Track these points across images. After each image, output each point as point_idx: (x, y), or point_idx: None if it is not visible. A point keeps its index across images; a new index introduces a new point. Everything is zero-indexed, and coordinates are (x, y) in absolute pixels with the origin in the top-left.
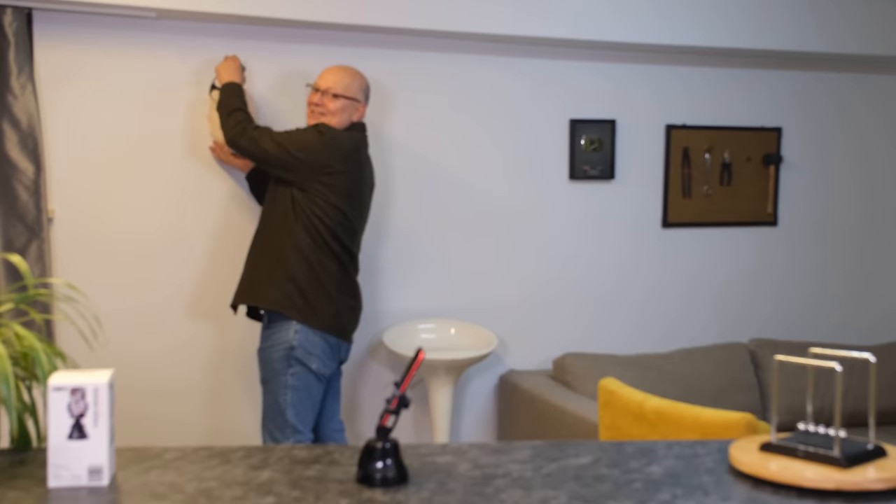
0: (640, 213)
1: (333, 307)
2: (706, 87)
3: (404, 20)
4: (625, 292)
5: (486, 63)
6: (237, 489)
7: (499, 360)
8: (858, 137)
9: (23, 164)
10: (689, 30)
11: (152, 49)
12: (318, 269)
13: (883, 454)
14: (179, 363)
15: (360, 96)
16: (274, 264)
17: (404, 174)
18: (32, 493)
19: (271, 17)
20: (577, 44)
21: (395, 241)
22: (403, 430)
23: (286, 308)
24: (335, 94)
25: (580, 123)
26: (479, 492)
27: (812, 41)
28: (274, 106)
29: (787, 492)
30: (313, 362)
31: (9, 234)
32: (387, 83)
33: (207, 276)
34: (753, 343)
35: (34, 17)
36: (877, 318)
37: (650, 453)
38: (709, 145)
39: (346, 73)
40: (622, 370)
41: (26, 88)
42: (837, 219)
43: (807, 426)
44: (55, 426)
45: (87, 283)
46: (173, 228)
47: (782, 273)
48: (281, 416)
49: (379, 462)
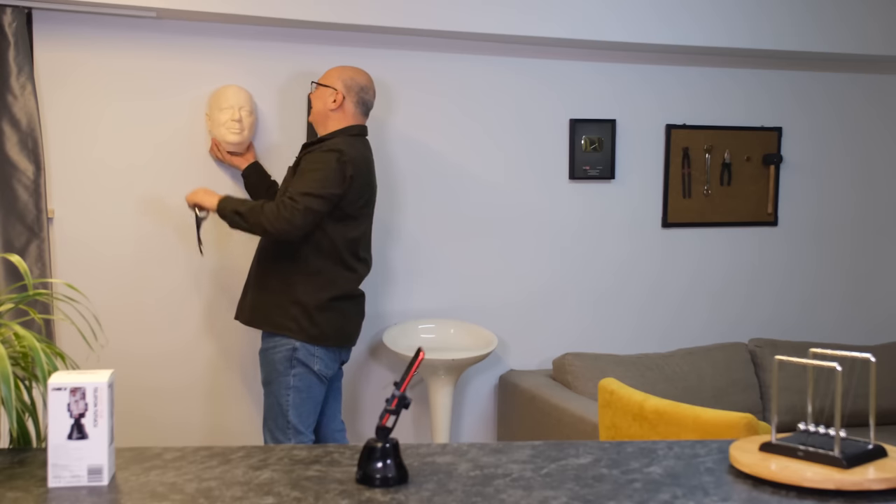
0: (640, 213)
1: (339, 321)
2: (706, 87)
3: (404, 20)
4: (625, 292)
5: (486, 63)
6: (237, 489)
7: (499, 360)
8: (858, 137)
9: (23, 164)
10: (689, 30)
11: (152, 49)
12: (328, 287)
13: (883, 454)
14: (179, 363)
15: (336, 84)
16: (281, 288)
17: (404, 174)
18: (32, 493)
19: (271, 17)
20: (577, 44)
21: (396, 241)
22: (403, 430)
23: (292, 332)
24: (317, 84)
25: (580, 123)
26: (479, 492)
27: (812, 41)
28: (274, 105)
29: (787, 492)
30: (315, 364)
31: (9, 234)
32: (387, 83)
33: (207, 276)
34: (753, 343)
35: (34, 16)
36: (877, 318)
37: (650, 453)
38: (709, 145)
39: (334, 67)
40: (622, 370)
41: (26, 88)
42: (837, 219)
43: (807, 426)
44: (55, 426)
45: (87, 283)
46: (173, 228)
47: (782, 273)
48: (282, 417)
49: (379, 462)
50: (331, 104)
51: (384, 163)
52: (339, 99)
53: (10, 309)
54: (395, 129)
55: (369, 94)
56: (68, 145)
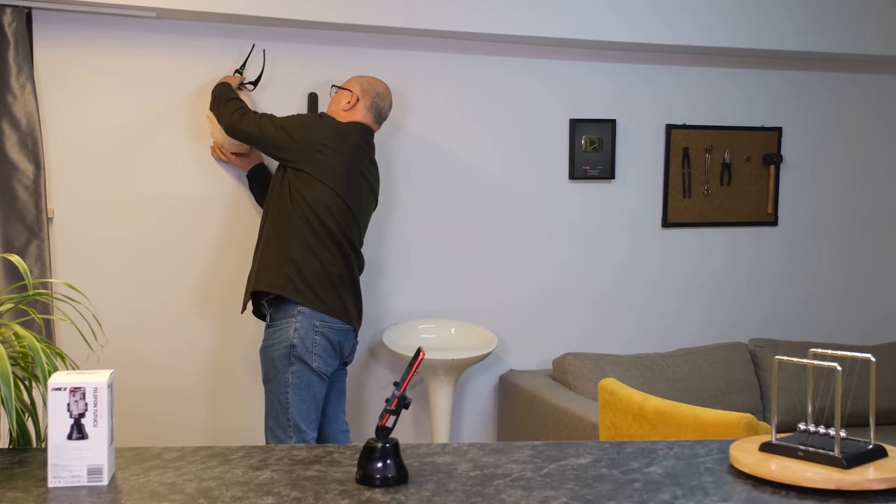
0: (639, 213)
1: (336, 294)
2: (706, 86)
3: (404, 20)
4: (625, 292)
5: (486, 63)
6: (237, 489)
7: (499, 360)
8: (858, 137)
9: (22, 164)
10: (689, 30)
11: (152, 49)
12: (320, 254)
13: (883, 454)
14: (180, 363)
15: (354, 87)
16: (274, 249)
17: (404, 174)
18: (32, 493)
19: (271, 17)
20: (577, 44)
21: (396, 241)
22: (403, 430)
23: (287, 291)
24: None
25: (580, 123)
26: (479, 492)
27: (812, 41)
28: (273, 105)
29: (787, 492)
30: (314, 360)
31: (9, 234)
32: (386, 83)
33: (208, 276)
34: (753, 343)
35: (34, 16)
36: (877, 318)
37: (650, 453)
38: (709, 145)
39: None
40: (622, 370)
41: (26, 88)
42: (837, 218)
43: (807, 426)
44: (55, 426)
45: (87, 283)
46: (173, 228)
47: (782, 273)
48: (283, 415)
49: (379, 462)
50: (345, 104)
51: (384, 162)
52: (353, 100)
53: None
54: (394, 128)
55: (384, 102)
56: (68, 145)
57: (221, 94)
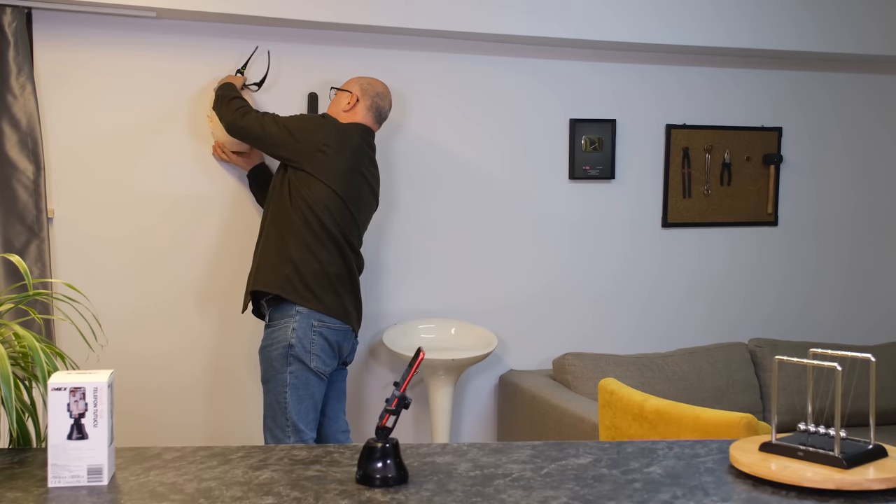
0: (639, 213)
1: (334, 293)
2: (706, 86)
3: (404, 20)
4: (625, 292)
5: (486, 63)
6: (237, 489)
7: (499, 360)
8: (858, 137)
9: (22, 164)
10: (689, 30)
11: (152, 49)
12: (318, 254)
13: (883, 454)
14: (179, 363)
15: (353, 88)
16: (273, 249)
17: (404, 174)
18: (32, 494)
19: (271, 17)
20: (577, 44)
21: (395, 241)
22: (403, 430)
23: (285, 291)
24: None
25: (580, 123)
26: (479, 492)
27: (812, 41)
28: (273, 105)
29: (787, 492)
30: (312, 360)
31: (9, 234)
32: (386, 83)
33: (208, 276)
34: (753, 343)
35: (34, 16)
36: (877, 317)
37: (650, 453)
38: (709, 145)
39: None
40: (622, 370)
41: (26, 88)
42: (837, 218)
43: (807, 426)
44: (55, 426)
45: (87, 283)
46: (173, 228)
47: (782, 273)
48: (282, 415)
49: (379, 462)
50: (344, 105)
51: (384, 162)
52: (352, 101)
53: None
54: (394, 129)
55: (384, 102)
56: (68, 145)
57: (224, 92)
